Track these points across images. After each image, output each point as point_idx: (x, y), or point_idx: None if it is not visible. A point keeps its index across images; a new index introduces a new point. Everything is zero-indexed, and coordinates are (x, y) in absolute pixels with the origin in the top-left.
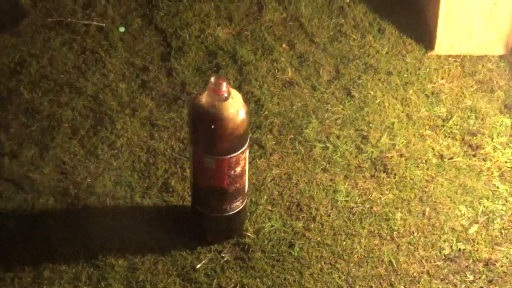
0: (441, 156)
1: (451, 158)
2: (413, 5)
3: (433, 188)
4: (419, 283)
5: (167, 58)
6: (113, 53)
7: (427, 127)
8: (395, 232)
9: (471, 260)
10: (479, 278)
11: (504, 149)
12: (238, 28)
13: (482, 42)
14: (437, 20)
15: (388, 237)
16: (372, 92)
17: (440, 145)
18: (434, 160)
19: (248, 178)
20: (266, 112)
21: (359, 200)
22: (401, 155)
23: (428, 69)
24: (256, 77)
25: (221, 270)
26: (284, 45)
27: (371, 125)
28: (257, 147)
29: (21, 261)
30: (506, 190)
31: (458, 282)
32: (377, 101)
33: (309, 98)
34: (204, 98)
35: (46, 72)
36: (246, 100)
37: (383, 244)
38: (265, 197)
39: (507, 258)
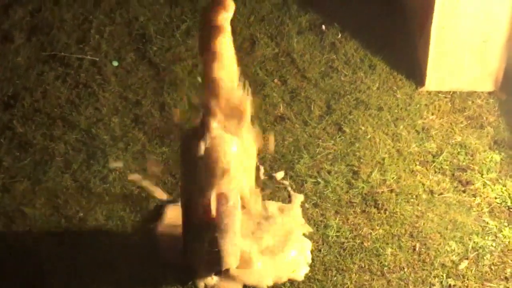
0: (431, 192)
1: (441, 193)
2: (404, 42)
3: (424, 223)
4: None
5: (160, 93)
6: (106, 87)
7: (417, 163)
8: (385, 268)
9: None
10: None
11: (494, 185)
12: None
13: (471, 78)
14: (428, 57)
15: (379, 273)
16: (363, 128)
17: (430, 180)
18: (424, 196)
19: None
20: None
21: (349, 235)
22: (391, 191)
23: (418, 105)
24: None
25: None
26: (276, 80)
27: (362, 160)
28: None
29: None
30: (496, 226)
31: None
32: (368, 137)
33: (300, 133)
34: (195, 133)
35: (39, 105)
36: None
37: (373, 279)
38: None
39: None
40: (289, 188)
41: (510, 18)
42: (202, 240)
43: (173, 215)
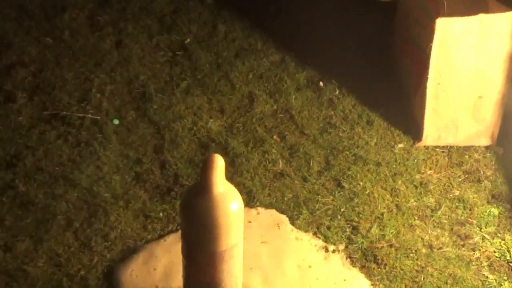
0: (431, 246)
1: (440, 248)
2: (400, 98)
3: (423, 278)
4: None
5: (160, 150)
6: (107, 145)
7: (416, 217)
8: None
9: None
10: None
11: (493, 238)
12: (230, 121)
13: (468, 133)
14: (424, 112)
15: None
16: (361, 183)
17: (429, 235)
18: (424, 250)
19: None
20: (258, 204)
21: None
22: (391, 246)
23: (416, 160)
24: (247, 168)
25: None
26: (275, 137)
27: (361, 215)
28: None
29: None
30: (495, 280)
31: None
32: (367, 192)
33: (300, 189)
34: (196, 193)
35: (41, 164)
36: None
37: None
38: None
39: None
40: None
41: (504, 74)
42: None
43: None
